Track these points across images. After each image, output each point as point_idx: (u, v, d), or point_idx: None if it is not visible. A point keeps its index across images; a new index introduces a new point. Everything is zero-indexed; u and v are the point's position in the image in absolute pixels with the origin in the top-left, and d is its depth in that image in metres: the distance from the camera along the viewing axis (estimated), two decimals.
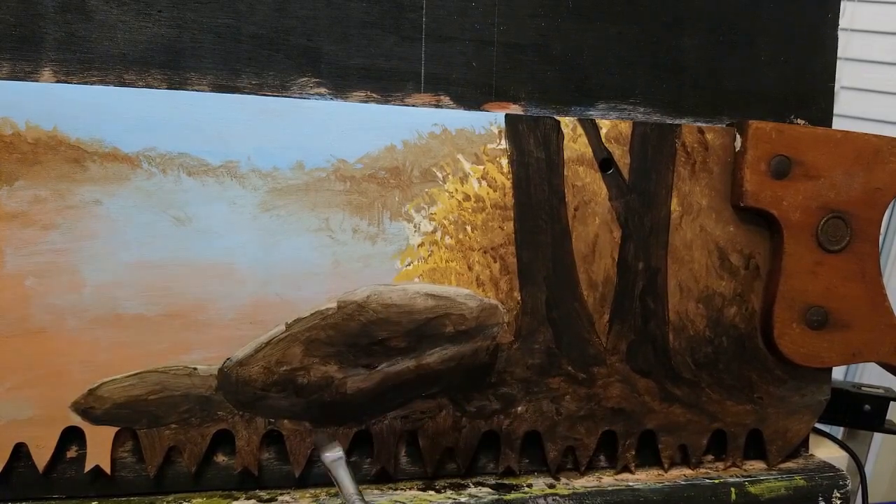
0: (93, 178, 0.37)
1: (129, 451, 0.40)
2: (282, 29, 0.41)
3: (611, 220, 0.45)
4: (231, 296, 0.39)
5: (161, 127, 0.38)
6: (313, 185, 0.40)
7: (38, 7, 0.38)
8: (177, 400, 0.40)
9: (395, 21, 0.42)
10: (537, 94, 0.45)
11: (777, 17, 0.48)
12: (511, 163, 0.43)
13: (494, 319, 0.43)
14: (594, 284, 0.45)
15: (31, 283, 0.37)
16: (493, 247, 0.43)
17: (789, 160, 0.45)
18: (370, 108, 0.41)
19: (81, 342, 0.38)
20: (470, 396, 0.43)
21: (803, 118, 0.49)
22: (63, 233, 0.37)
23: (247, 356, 0.40)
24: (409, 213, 0.42)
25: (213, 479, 0.42)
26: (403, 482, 0.44)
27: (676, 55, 0.47)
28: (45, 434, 0.38)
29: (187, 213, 0.39)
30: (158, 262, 0.39)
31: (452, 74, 0.43)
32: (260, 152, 0.39)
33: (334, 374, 0.41)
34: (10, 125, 0.36)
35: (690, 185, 0.46)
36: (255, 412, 0.41)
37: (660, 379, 0.46)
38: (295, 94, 0.41)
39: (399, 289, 0.41)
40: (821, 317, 0.47)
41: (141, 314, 0.39)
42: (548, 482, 0.45)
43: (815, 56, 0.49)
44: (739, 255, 0.47)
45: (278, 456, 0.42)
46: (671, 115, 0.47)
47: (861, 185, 0.46)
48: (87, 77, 0.39)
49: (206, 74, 0.40)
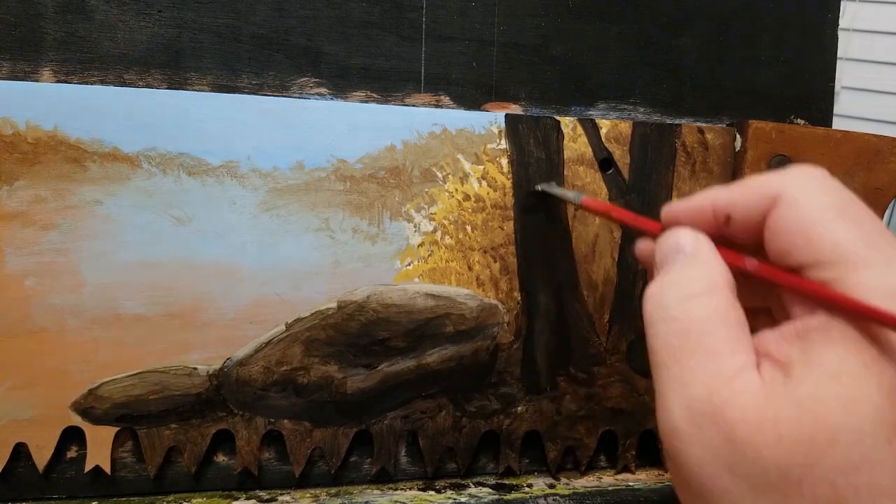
0: (93, 178, 0.37)
1: (129, 451, 0.40)
2: (282, 29, 0.41)
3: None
4: (231, 296, 0.40)
5: (161, 127, 0.38)
6: (313, 185, 0.40)
7: (38, 7, 0.38)
8: (177, 400, 0.40)
9: (395, 21, 0.42)
10: (537, 94, 0.45)
11: (777, 17, 0.48)
12: (511, 163, 0.43)
13: (494, 319, 0.43)
14: (594, 284, 0.45)
15: (31, 283, 0.37)
16: (493, 247, 0.43)
17: (789, 160, 0.45)
18: (370, 108, 0.41)
19: (81, 342, 0.38)
20: (470, 396, 0.43)
21: (803, 118, 0.49)
22: (63, 233, 0.37)
23: (247, 356, 0.40)
24: (409, 213, 0.42)
25: (213, 479, 0.42)
26: (403, 482, 0.44)
27: (676, 55, 0.47)
28: (45, 434, 0.38)
29: (187, 213, 0.39)
30: (158, 262, 0.39)
31: (452, 74, 0.43)
32: (260, 152, 0.39)
33: (334, 374, 0.41)
34: (10, 125, 0.36)
35: (690, 185, 0.46)
36: (255, 412, 0.41)
37: None
38: (295, 94, 0.41)
39: (399, 289, 0.41)
40: None
41: (141, 314, 0.39)
42: (548, 482, 0.45)
43: (815, 56, 0.49)
44: None
45: (278, 456, 0.42)
46: (671, 115, 0.47)
47: (861, 185, 0.46)
48: (87, 77, 0.39)
49: (206, 74, 0.40)
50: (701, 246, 0.26)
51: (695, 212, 0.27)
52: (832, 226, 0.23)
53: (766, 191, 0.25)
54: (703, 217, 0.27)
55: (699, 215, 0.27)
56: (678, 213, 0.27)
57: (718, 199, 0.26)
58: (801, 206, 0.24)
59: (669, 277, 0.25)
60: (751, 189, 0.25)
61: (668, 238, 0.27)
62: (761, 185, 0.25)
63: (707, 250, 0.25)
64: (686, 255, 0.26)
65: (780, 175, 0.25)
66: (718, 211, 0.26)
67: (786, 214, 0.24)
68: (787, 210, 0.24)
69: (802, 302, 0.23)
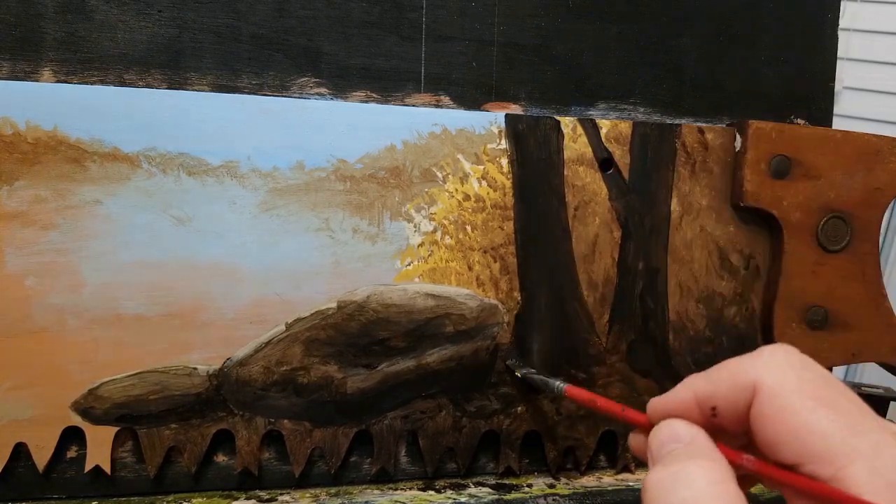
0: (93, 178, 0.37)
1: (129, 451, 0.40)
2: (282, 29, 0.41)
3: (611, 220, 0.45)
4: (231, 296, 0.39)
5: (161, 127, 0.38)
6: (313, 185, 0.40)
7: (38, 7, 0.38)
8: (177, 400, 0.40)
9: (395, 21, 0.42)
10: (537, 94, 0.45)
11: (777, 17, 0.48)
12: (511, 163, 0.43)
13: (494, 319, 0.43)
14: (594, 284, 0.45)
15: (31, 283, 0.37)
16: (493, 247, 0.43)
17: (789, 160, 0.45)
18: (370, 108, 0.41)
19: (81, 342, 0.38)
20: (470, 396, 0.43)
21: (803, 118, 0.49)
22: (63, 233, 0.37)
23: (247, 356, 0.40)
24: (409, 213, 0.42)
25: (213, 479, 0.42)
26: (403, 482, 0.44)
27: (676, 55, 0.47)
28: (45, 434, 0.38)
29: (187, 213, 0.39)
30: (158, 262, 0.39)
31: (452, 74, 0.43)
32: (260, 152, 0.39)
33: (334, 373, 0.41)
34: (10, 125, 0.36)
35: (690, 185, 0.46)
36: (255, 412, 0.41)
37: (660, 379, 0.46)
38: (295, 94, 0.41)
39: (399, 289, 0.41)
40: (821, 317, 0.47)
41: (141, 314, 0.39)
42: (548, 482, 0.45)
43: (815, 56, 0.49)
44: (739, 255, 0.47)
45: (278, 456, 0.42)
46: (671, 115, 0.47)
47: (861, 185, 0.46)
48: (87, 77, 0.39)
49: (206, 74, 0.40)
50: (698, 436, 0.26)
51: (680, 405, 0.27)
52: (815, 416, 0.23)
53: (743, 381, 0.25)
54: (689, 409, 0.27)
55: (685, 409, 0.27)
56: (665, 407, 0.27)
57: (699, 391, 0.26)
58: (780, 398, 0.24)
59: (671, 469, 0.24)
60: (728, 381, 0.25)
61: (664, 428, 0.27)
62: (737, 375, 0.25)
63: (705, 440, 0.26)
64: (684, 445, 0.26)
65: (754, 361, 0.25)
66: (703, 403, 0.26)
67: (767, 406, 0.24)
68: (767, 401, 0.24)
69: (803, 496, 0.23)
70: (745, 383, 0.25)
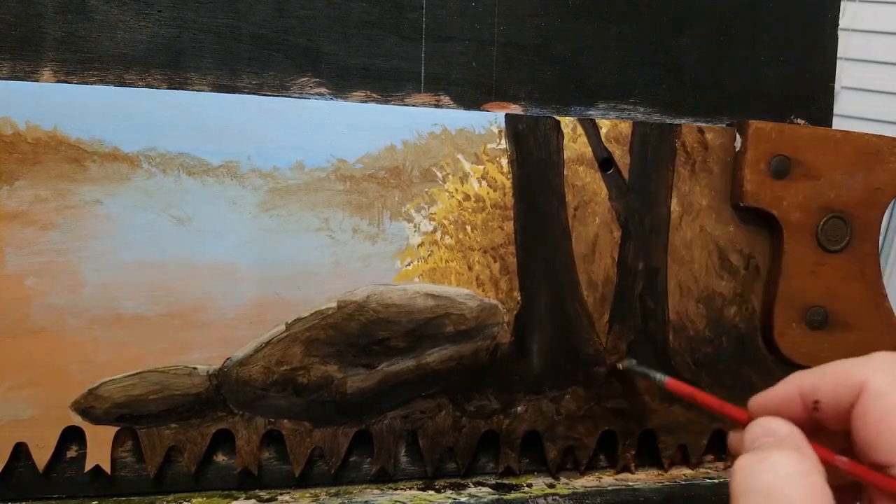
0: (93, 178, 0.37)
1: (129, 451, 0.40)
2: (282, 29, 0.41)
3: (611, 220, 0.45)
4: (231, 296, 0.40)
5: (161, 127, 0.38)
6: (313, 185, 0.40)
7: (38, 7, 0.38)
8: (177, 400, 0.40)
9: (395, 21, 0.42)
10: (537, 94, 0.45)
11: (777, 17, 0.48)
12: (511, 163, 0.43)
13: (494, 319, 0.43)
14: (594, 284, 0.45)
15: (31, 283, 0.37)
16: (493, 247, 0.43)
17: (789, 160, 0.45)
18: (370, 108, 0.41)
19: (81, 342, 0.38)
20: (470, 396, 0.43)
21: (803, 118, 0.49)
22: (63, 233, 0.37)
23: (247, 356, 0.40)
24: (409, 213, 0.42)
25: (213, 479, 0.42)
26: (403, 482, 0.44)
27: (676, 55, 0.47)
28: (45, 434, 0.38)
29: (187, 213, 0.39)
30: (158, 262, 0.39)
31: (452, 74, 0.43)
32: (260, 152, 0.39)
33: (334, 373, 0.41)
34: (10, 125, 0.36)
35: (690, 185, 0.46)
36: (255, 412, 0.41)
37: None
38: (295, 94, 0.41)
39: (399, 289, 0.41)
40: (821, 317, 0.47)
41: (141, 314, 0.39)
42: (548, 482, 0.45)
43: (815, 56, 0.49)
44: (739, 255, 0.47)
45: (278, 456, 0.42)
46: (671, 115, 0.47)
47: (861, 185, 0.46)
48: (87, 77, 0.39)
49: (206, 74, 0.40)
50: (794, 431, 0.26)
51: (783, 399, 0.27)
52: None
53: (851, 380, 0.25)
54: (791, 403, 0.27)
55: (788, 402, 0.27)
56: (766, 401, 0.28)
57: (804, 385, 0.27)
58: (887, 399, 0.24)
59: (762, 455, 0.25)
60: (836, 377, 0.26)
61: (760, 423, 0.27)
62: (846, 373, 0.26)
63: (799, 436, 0.26)
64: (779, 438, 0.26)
65: (866, 362, 0.26)
66: (806, 397, 0.27)
67: (872, 406, 0.24)
68: (873, 402, 0.24)
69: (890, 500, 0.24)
70: (853, 381, 0.25)
